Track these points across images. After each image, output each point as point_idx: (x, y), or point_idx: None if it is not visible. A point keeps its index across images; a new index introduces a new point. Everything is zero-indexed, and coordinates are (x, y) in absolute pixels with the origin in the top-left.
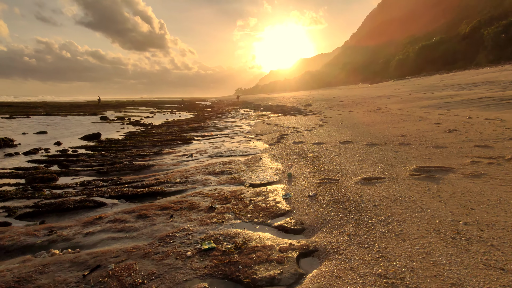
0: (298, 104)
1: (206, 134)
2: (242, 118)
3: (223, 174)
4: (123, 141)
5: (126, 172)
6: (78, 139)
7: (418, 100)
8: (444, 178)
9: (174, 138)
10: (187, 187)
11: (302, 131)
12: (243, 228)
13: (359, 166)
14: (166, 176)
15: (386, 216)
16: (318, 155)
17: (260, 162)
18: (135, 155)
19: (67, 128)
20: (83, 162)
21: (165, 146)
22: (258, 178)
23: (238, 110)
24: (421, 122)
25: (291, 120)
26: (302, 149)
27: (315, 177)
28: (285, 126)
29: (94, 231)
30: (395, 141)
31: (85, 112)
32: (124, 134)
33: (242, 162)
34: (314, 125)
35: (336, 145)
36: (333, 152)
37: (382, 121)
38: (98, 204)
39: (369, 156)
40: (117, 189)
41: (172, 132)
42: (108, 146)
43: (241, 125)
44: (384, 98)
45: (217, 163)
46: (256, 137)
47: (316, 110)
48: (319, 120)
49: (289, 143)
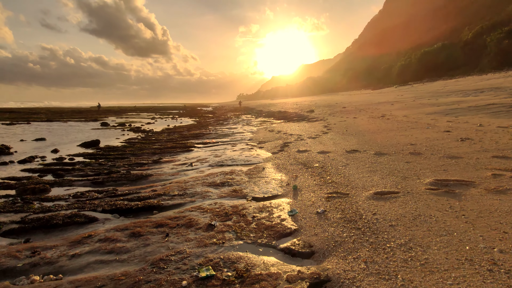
0: (300, 110)
1: (207, 141)
2: (244, 124)
3: (224, 186)
4: (122, 149)
5: (122, 182)
6: (77, 146)
7: (423, 107)
8: (465, 194)
9: (174, 146)
10: (185, 201)
11: (306, 138)
12: (246, 250)
13: (369, 178)
14: (164, 187)
15: (407, 240)
16: (324, 165)
17: (263, 173)
18: (134, 163)
19: (66, 134)
20: (79, 171)
21: (164, 154)
22: (261, 191)
23: (240, 116)
24: (430, 130)
25: (294, 127)
26: (307, 159)
27: (322, 191)
28: (288, 133)
29: (81, 252)
30: (404, 150)
31: (87, 118)
32: (124, 141)
33: (244, 172)
34: (318, 132)
35: (342, 155)
36: (340, 162)
37: (389, 129)
38: (89, 219)
39: (378, 167)
40: (112, 202)
41: (173, 139)
42: (106, 154)
43: (243, 132)
44: (388, 104)
45: (218, 173)
46: (259, 145)
47: (319, 117)
48: (323, 127)
49: (293, 152)
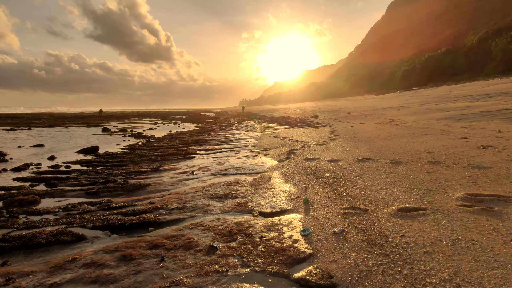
0: (304, 115)
1: (210, 147)
2: (247, 130)
3: (227, 198)
4: (121, 156)
5: (118, 193)
6: (75, 153)
7: (432, 112)
8: (508, 212)
9: (175, 152)
10: (185, 216)
11: (313, 145)
12: (253, 282)
13: (389, 191)
14: (162, 199)
15: (451, 273)
16: (336, 175)
17: (270, 183)
18: (132, 171)
19: (66, 140)
20: (73, 180)
21: (165, 162)
22: (269, 205)
23: (243, 122)
24: (445, 136)
25: (299, 132)
26: (317, 168)
27: (337, 205)
28: (294, 140)
29: (62, 281)
30: (422, 159)
31: (88, 123)
32: (124, 148)
33: (249, 182)
34: (325, 138)
35: (354, 163)
36: (353, 172)
37: (399, 135)
38: (76, 238)
39: (397, 178)
40: (104, 216)
41: (174, 146)
42: (105, 161)
43: (246, 138)
44: (394, 109)
45: (221, 183)
46: (263, 152)
47: (324, 122)
48: (329, 133)
49: (301, 160)
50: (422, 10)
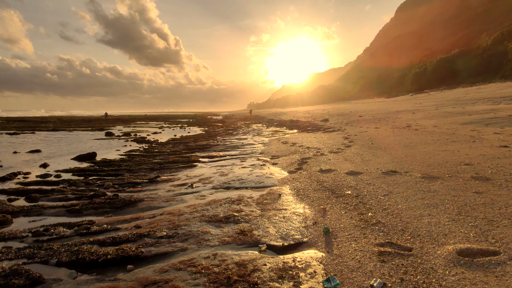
0: (313, 119)
1: (214, 154)
2: (254, 134)
3: (228, 223)
4: (118, 163)
5: (105, 210)
6: (71, 159)
7: (451, 116)
8: None
9: (176, 160)
10: (174, 248)
11: (327, 153)
12: None
13: (433, 219)
14: (151, 222)
15: None
16: (359, 193)
17: (280, 202)
18: (126, 182)
19: (67, 145)
20: (58, 193)
21: (164, 171)
22: (279, 234)
23: (250, 126)
24: (479, 144)
25: (310, 138)
26: (335, 182)
27: (368, 239)
28: (305, 146)
29: None
30: (461, 173)
31: (94, 127)
32: (124, 154)
33: (255, 200)
34: (339, 145)
35: (379, 177)
36: (380, 189)
37: (423, 142)
38: (31, 282)
39: (438, 199)
40: (76, 247)
41: (177, 152)
42: (99, 170)
43: (253, 144)
44: (408, 113)
45: (222, 200)
46: (272, 160)
47: (335, 126)
48: (343, 139)
49: (315, 171)
50: (432, 12)
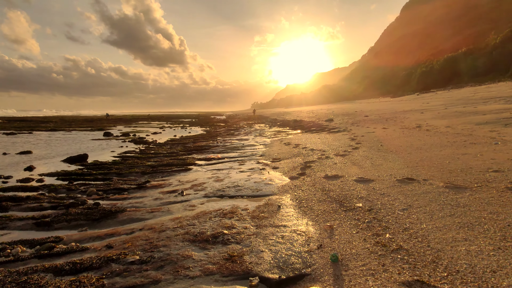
0: (318, 119)
1: (212, 156)
2: (256, 135)
3: (215, 244)
4: (109, 166)
5: (79, 223)
6: (60, 162)
7: (464, 115)
8: None
9: (171, 163)
10: (144, 280)
11: (333, 156)
12: None
13: (474, 247)
14: (127, 239)
15: None
16: (372, 206)
17: (279, 216)
18: (112, 188)
19: (61, 145)
20: (33, 201)
21: (156, 175)
22: (276, 261)
23: (253, 126)
24: (503, 147)
25: (314, 139)
26: (343, 191)
27: (390, 275)
28: (309, 148)
29: None
30: (492, 182)
31: (94, 127)
32: (118, 155)
33: (251, 213)
34: (346, 147)
35: (393, 186)
36: (397, 202)
37: (438, 144)
38: None
39: (471, 218)
40: (24, 277)
41: (173, 153)
42: (87, 173)
43: (254, 145)
44: (416, 112)
45: (213, 212)
46: (272, 164)
47: (340, 127)
48: (349, 140)
49: (319, 178)
50: (438, 11)
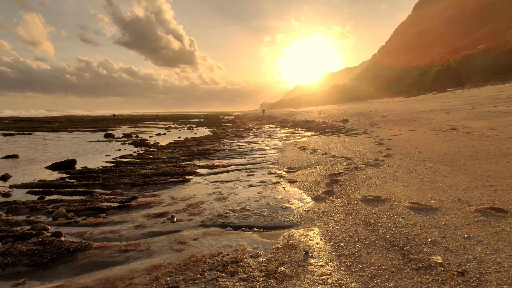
0: (331, 119)
1: (216, 163)
2: (266, 137)
3: None
4: (96, 175)
5: (19, 269)
6: (44, 168)
7: (502, 116)
8: None
9: (168, 171)
10: None
11: (362, 165)
12: None
13: None
14: None
15: None
16: (461, 262)
17: (308, 276)
18: (87, 208)
19: (55, 148)
20: None
21: (148, 187)
22: None
23: (262, 127)
24: None
25: (333, 143)
26: (398, 228)
27: None
28: (330, 155)
29: None
30: None
31: (97, 127)
32: (112, 160)
33: (263, 265)
34: (375, 153)
35: (477, 221)
36: (502, 255)
37: (497, 152)
38: None
39: None
40: None
41: (173, 159)
42: (67, 184)
43: (265, 149)
44: (441, 112)
45: (208, 260)
46: (288, 175)
47: (359, 128)
48: (376, 145)
49: (355, 200)
50: (451, 9)
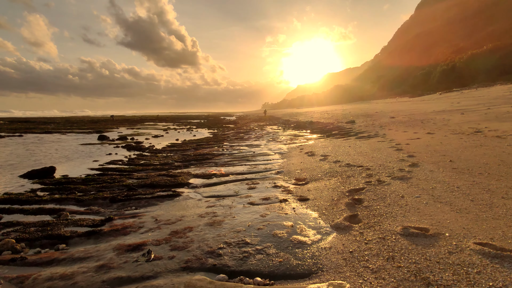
0: (335, 120)
1: (212, 172)
2: (269, 140)
3: None
4: (74, 186)
5: None
6: (19, 176)
7: None
8: None
9: (156, 182)
10: None
11: (387, 178)
12: None
13: None
14: None
15: None
16: None
17: None
18: (46, 236)
19: (40, 152)
20: None
21: (129, 203)
22: None
23: (264, 128)
24: None
25: (344, 147)
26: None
27: None
28: (344, 163)
29: None
30: None
31: (94, 129)
32: (99, 167)
33: None
34: (396, 162)
35: None
36: None
37: None
38: None
39: None
40: None
41: (166, 165)
42: (35, 199)
43: (268, 154)
44: (454, 113)
45: None
46: (297, 188)
47: (368, 130)
48: (395, 151)
49: (393, 233)
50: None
